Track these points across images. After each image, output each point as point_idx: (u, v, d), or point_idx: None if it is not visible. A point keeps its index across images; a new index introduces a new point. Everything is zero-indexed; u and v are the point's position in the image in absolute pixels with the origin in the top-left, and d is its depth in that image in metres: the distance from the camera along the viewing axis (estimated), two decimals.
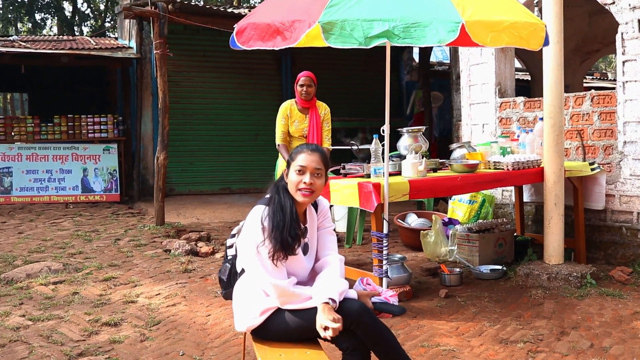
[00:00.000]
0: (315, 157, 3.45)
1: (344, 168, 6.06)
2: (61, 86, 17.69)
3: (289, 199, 3.44)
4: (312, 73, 6.91)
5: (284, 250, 3.35)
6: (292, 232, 3.38)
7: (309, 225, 3.60)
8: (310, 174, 3.41)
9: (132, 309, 5.66)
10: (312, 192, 3.41)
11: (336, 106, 13.71)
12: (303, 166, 3.41)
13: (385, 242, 5.37)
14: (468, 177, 5.89)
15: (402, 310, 3.52)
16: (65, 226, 9.72)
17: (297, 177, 3.40)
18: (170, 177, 13.12)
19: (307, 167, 3.41)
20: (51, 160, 12.06)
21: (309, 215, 3.61)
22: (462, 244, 6.93)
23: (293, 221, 3.40)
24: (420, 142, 6.08)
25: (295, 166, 3.42)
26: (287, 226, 3.36)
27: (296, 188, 3.40)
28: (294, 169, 3.43)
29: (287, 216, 3.39)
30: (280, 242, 3.33)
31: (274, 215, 3.38)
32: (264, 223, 3.36)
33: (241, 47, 5.10)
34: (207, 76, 13.52)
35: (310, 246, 3.60)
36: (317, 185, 3.44)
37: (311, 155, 3.45)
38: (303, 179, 3.40)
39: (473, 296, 5.89)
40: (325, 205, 3.74)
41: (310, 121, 6.93)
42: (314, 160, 3.44)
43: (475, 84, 8.19)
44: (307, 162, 3.41)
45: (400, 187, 5.41)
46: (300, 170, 3.41)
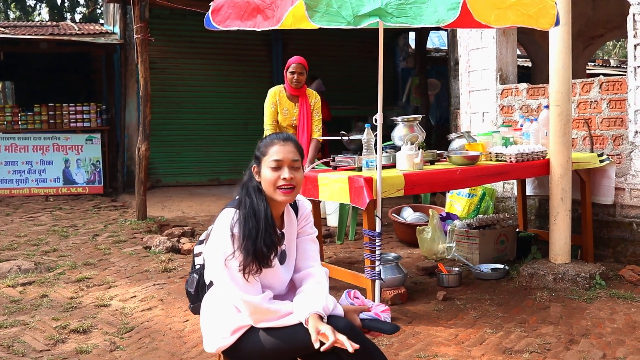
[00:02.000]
0: (289, 147, 3.00)
1: (333, 160, 5.59)
2: (47, 74, 17.21)
3: (263, 201, 2.97)
4: (303, 59, 6.43)
5: (258, 262, 2.90)
6: (268, 241, 2.91)
7: (287, 230, 3.14)
8: (288, 167, 2.95)
9: (104, 314, 5.23)
10: (293, 187, 2.96)
11: (330, 94, 13.44)
12: (278, 160, 2.95)
13: (378, 242, 4.91)
14: (468, 169, 5.42)
15: (395, 328, 3.05)
16: (42, 221, 9.27)
17: (273, 174, 2.94)
18: (157, 168, 12.70)
19: (284, 160, 2.95)
20: (31, 151, 11.59)
21: (287, 218, 3.15)
22: (461, 240, 6.48)
23: (268, 227, 2.94)
24: (417, 132, 5.61)
25: (269, 161, 2.96)
26: (261, 234, 2.90)
27: (274, 186, 2.94)
28: (268, 165, 2.96)
29: (261, 222, 2.92)
30: (253, 254, 2.87)
31: (246, 221, 2.91)
32: (233, 230, 2.90)
33: (217, 27, 4.61)
34: (194, 63, 13.07)
35: (288, 254, 3.14)
36: (297, 180, 2.99)
37: (285, 145, 2.99)
38: (281, 175, 2.94)
39: (473, 298, 5.44)
40: (306, 209, 3.27)
41: (300, 110, 6.46)
42: (289, 151, 2.99)
43: (475, 69, 7.71)
44: (283, 155, 2.96)
45: (395, 182, 4.95)
46: (276, 166, 2.94)
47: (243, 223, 2.90)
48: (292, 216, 3.18)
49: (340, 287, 5.73)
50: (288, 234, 3.14)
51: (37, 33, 12.11)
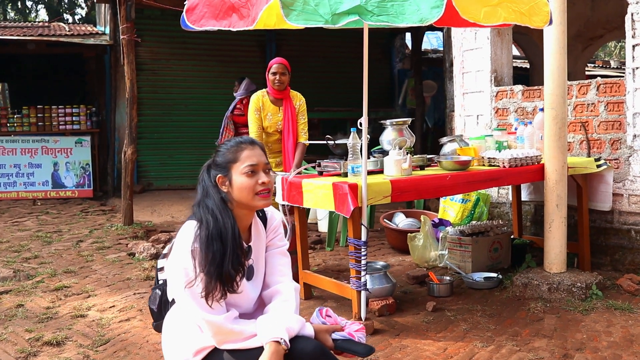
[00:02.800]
0: (259, 151, 2.86)
1: (319, 165, 5.36)
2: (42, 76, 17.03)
3: (230, 218, 2.74)
4: (285, 60, 6.21)
5: (223, 286, 2.68)
6: (235, 263, 2.70)
7: (255, 244, 2.92)
8: (262, 171, 2.80)
9: (80, 325, 5.02)
10: (270, 191, 2.80)
11: (323, 95, 13.25)
12: (254, 165, 2.78)
13: (363, 251, 4.69)
14: (459, 175, 5.20)
15: (369, 350, 2.83)
16: (27, 226, 9.06)
17: (249, 180, 2.75)
18: (148, 172, 12.50)
19: (259, 165, 2.79)
20: (19, 154, 11.37)
21: (255, 231, 2.94)
22: (454, 248, 6.26)
23: (236, 247, 2.71)
24: (406, 135, 5.39)
25: (243, 168, 2.76)
26: (228, 257, 2.68)
27: (253, 192, 2.75)
28: (242, 172, 2.76)
29: (228, 243, 2.69)
30: (218, 278, 2.65)
31: (209, 243, 2.67)
32: (195, 247, 2.67)
33: (192, 27, 4.39)
34: (186, 64, 12.86)
35: (256, 269, 2.93)
36: (271, 183, 2.84)
37: (254, 149, 2.84)
38: (259, 179, 2.76)
39: (464, 309, 5.22)
40: (276, 219, 3.06)
41: (284, 114, 6.21)
42: (260, 154, 2.84)
43: (469, 71, 7.50)
44: (257, 159, 2.80)
45: (381, 188, 4.73)
46: (251, 171, 2.76)
47: (206, 245, 2.67)
48: (260, 228, 2.97)
49: (327, 297, 5.53)
50: (256, 247, 2.93)
51: (27, 34, 11.91)
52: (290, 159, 6.20)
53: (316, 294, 5.66)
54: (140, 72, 12.24)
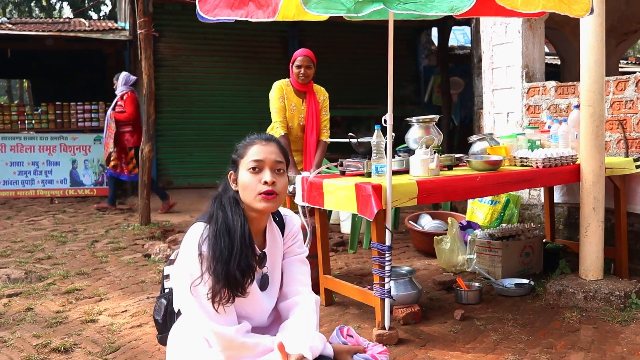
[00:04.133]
0: (272, 148, 2.56)
1: (341, 165, 5.08)
2: (62, 73, 16.96)
3: (240, 216, 2.50)
4: (310, 51, 5.92)
5: (230, 289, 2.42)
6: (243, 264, 2.44)
7: (270, 250, 2.66)
8: (270, 170, 2.51)
9: (90, 330, 4.79)
10: (275, 194, 2.50)
11: (346, 92, 12.97)
12: (259, 160, 2.50)
13: (387, 256, 4.41)
14: (489, 176, 4.89)
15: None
16: (43, 225, 8.87)
17: (252, 177, 2.50)
18: (168, 170, 12.31)
19: (265, 161, 2.51)
20: (37, 151, 11.21)
21: (270, 236, 2.67)
22: (483, 252, 5.95)
23: (244, 247, 2.46)
24: (433, 134, 5.09)
25: (248, 163, 2.51)
26: (235, 255, 2.43)
27: (255, 192, 2.48)
28: (246, 168, 2.51)
29: (236, 240, 2.44)
30: (224, 279, 2.39)
31: (217, 239, 2.43)
32: (202, 249, 2.43)
33: (206, 17, 4.12)
34: (208, 60, 12.65)
35: (271, 279, 2.66)
36: (281, 186, 2.54)
37: (267, 145, 2.56)
38: (262, 178, 2.49)
39: (494, 318, 4.91)
40: (294, 225, 2.79)
41: (308, 108, 5.93)
42: (272, 152, 2.54)
43: (499, 66, 7.17)
44: (264, 155, 2.52)
45: (407, 189, 4.43)
46: (255, 168, 2.50)
47: (213, 241, 2.44)
48: (277, 234, 2.71)
49: (349, 304, 5.25)
50: (271, 254, 2.66)
51: (46, 30, 11.74)
52: (312, 157, 5.93)
53: (338, 300, 5.39)
54: (161, 69, 12.08)
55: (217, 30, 12.17)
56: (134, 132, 9.73)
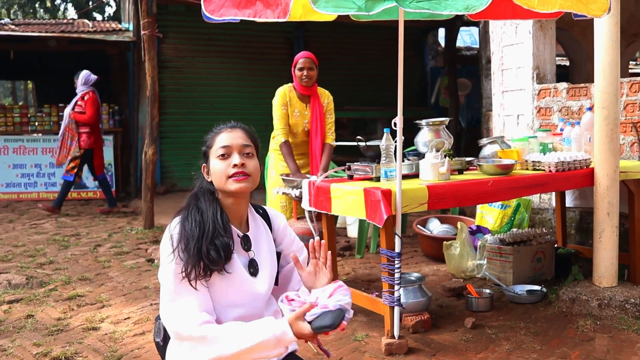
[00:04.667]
0: (238, 133, 2.60)
1: (349, 168, 4.95)
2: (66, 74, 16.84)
3: (212, 201, 2.54)
4: (311, 53, 5.81)
5: (205, 264, 2.39)
6: (218, 242, 2.43)
7: (254, 234, 2.65)
8: (238, 153, 2.52)
9: (92, 339, 4.68)
10: (246, 175, 2.50)
11: (353, 94, 12.84)
12: (226, 146, 2.55)
13: (397, 263, 4.28)
14: (502, 180, 4.76)
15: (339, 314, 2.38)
16: (45, 228, 8.75)
17: (222, 163, 2.54)
18: (172, 172, 12.18)
19: (232, 146, 2.56)
20: (40, 154, 11.09)
21: (253, 222, 2.68)
22: (493, 257, 5.82)
23: (218, 226, 2.46)
24: (443, 137, 4.95)
25: (216, 150, 2.56)
26: (207, 233, 2.43)
27: (226, 176, 2.50)
28: (215, 155, 2.57)
29: (207, 219, 2.47)
30: (197, 255, 2.38)
31: (188, 219, 2.47)
32: (172, 233, 2.45)
33: (212, 17, 3.99)
34: (213, 62, 12.50)
35: (260, 263, 2.62)
36: (251, 167, 2.54)
37: (232, 131, 2.61)
38: (231, 162, 2.50)
39: (506, 326, 4.78)
40: (281, 222, 2.82)
41: (312, 112, 5.82)
42: (238, 137, 2.57)
43: (508, 68, 7.04)
44: (231, 140, 2.57)
45: (417, 195, 4.31)
46: (224, 154, 2.54)
47: (184, 222, 2.47)
48: (261, 222, 2.73)
49: (356, 310, 5.11)
50: (256, 238, 2.65)
51: (49, 30, 11.63)
52: (318, 161, 5.81)
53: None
54: (165, 70, 11.96)
55: (221, 31, 12.06)
56: (91, 134, 9.59)
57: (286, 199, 5.72)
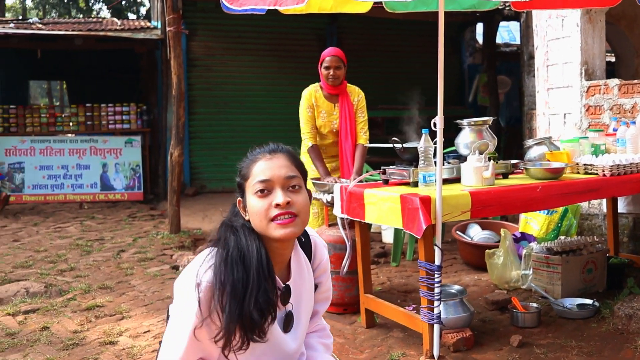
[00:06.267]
0: (280, 161, 2.08)
1: (384, 173, 4.56)
2: (98, 74, 16.74)
3: (255, 240, 2.03)
4: (340, 50, 5.44)
5: (245, 332, 1.94)
6: (262, 300, 1.96)
7: (295, 283, 2.17)
8: (281, 189, 2.02)
9: (109, 354, 4.37)
10: (294, 216, 2.01)
11: (387, 92, 12.43)
12: (265, 180, 2.04)
13: (437, 277, 3.90)
14: (551, 186, 4.34)
15: None
16: (69, 232, 8.50)
17: (261, 202, 2.03)
18: (202, 173, 11.91)
19: (273, 180, 2.05)
20: (67, 155, 10.87)
21: (296, 266, 2.19)
22: (540, 268, 5.39)
23: (263, 278, 1.98)
24: (486, 138, 4.54)
25: (254, 185, 2.05)
26: (252, 290, 1.95)
27: (267, 219, 2.01)
28: (253, 191, 2.05)
29: (252, 270, 1.97)
30: (238, 319, 1.91)
31: (228, 267, 1.96)
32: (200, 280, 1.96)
33: (232, 8, 3.66)
34: (242, 60, 12.22)
35: (296, 317, 2.17)
36: (300, 204, 2.05)
37: (272, 159, 2.10)
38: (273, 201, 2.00)
39: (556, 345, 4.35)
40: (324, 255, 2.33)
41: (341, 112, 5.46)
42: (280, 166, 2.07)
43: (554, 63, 6.59)
44: (271, 172, 2.05)
45: (459, 202, 3.93)
46: (263, 190, 2.03)
47: (223, 270, 1.95)
48: (304, 262, 2.22)
49: (392, 326, 4.75)
50: (297, 288, 2.18)
51: (76, 29, 11.41)
52: (350, 163, 5.44)
53: (380, 322, 4.88)
54: (193, 68, 11.73)
55: (251, 28, 11.78)
56: None
57: (318, 204, 5.36)
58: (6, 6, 24.46)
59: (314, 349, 2.31)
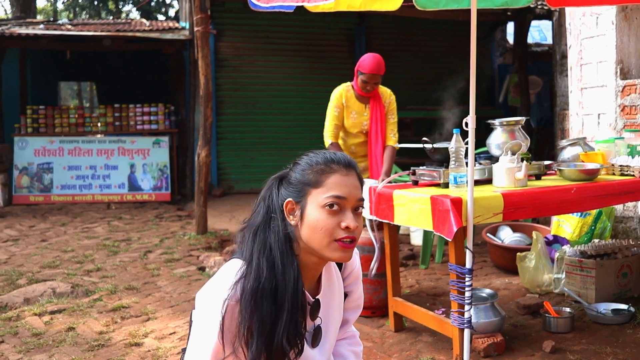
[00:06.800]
0: (354, 180, 1.95)
1: (414, 173, 4.46)
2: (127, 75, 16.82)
3: (293, 268, 1.87)
4: (382, 63, 5.32)
5: (272, 356, 1.82)
6: (292, 332, 1.84)
7: (325, 297, 2.04)
8: (352, 211, 1.89)
9: (134, 356, 4.35)
10: (354, 240, 1.89)
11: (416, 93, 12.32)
12: (341, 198, 1.89)
13: (468, 281, 3.80)
14: (586, 187, 4.21)
15: None
16: (96, 232, 8.49)
17: (329, 219, 1.88)
18: (229, 174, 11.87)
19: (348, 199, 1.90)
20: (95, 155, 10.90)
21: (326, 280, 2.06)
22: (573, 272, 5.26)
23: (295, 310, 1.85)
24: (519, 138, 4.42)
25: (325, 198, 1.89)
26: (283, 323, 1.82)
27: (331, 238, 1.86)
28: (322, 204, 1.89)
29: (285, 304, 1.84)
30: (266, 350, 1.81)
31: (258, 302, 1.81)
32: (226, 302, 1.82)
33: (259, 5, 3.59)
34: (271, 60, 12.14)
35: (324, 331, 2.05)
36: (359, 229, 1.91)
37: (348, 175, 1.94)
38: (342, 221, 1.86)
39: (590, 351, 4.23)
40: (356, 263, 2.18)
41: (372, 113, 5.39)
42: (355, 186, 1.93)
43: (588, 62, 6.44)
44: (348, 190, 1.90)
45: (491, 204, 3.82)
46: (335, 205, 1.88)
47: (253, 305, 1.81)
48: (334, 274, 2.10)
49: (421, 330, 4.65)
50: (326, 302, 2.05)
51: (105, 30, 11.44)
52: (379, 164, 5.37)
53: (408, 325, 4.78)
54: (222, 69, 11.69)
55: (280, 28, 11.72)
56: None
57: None
58: (37, 8, 24.66)
59: (344, 357, 2.22)
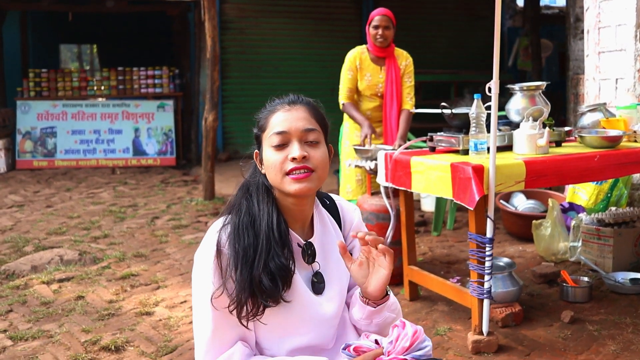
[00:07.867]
0: (299, 113, 1.97)
1: (431, 139, 4.34)
2: (130, 38, 16.61)
3: (268, 204, 1.93)
4: (389, 11, 5.21)
5: (257, 298, 1.84)
6: (273, 265, 1.85)
7: (319, 240, 2.04)
8: (298, 141, 1.93)
9: (145, 325, 4.26)
10: (310, 171, 1.89)
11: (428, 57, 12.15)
12: (282, 132, 1.93)
13: (488, 250, 3.71)
14: (609, 155, 4.08)
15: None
16: (102, 198, 8.40)
17: (277, 155, 1.92)
18: (234, 138, 11.77)
19: (290, 132, 1.93)
20: (99, 119, 10.76)
21: (320, 224, 2.07)
22: (590, 240, 5.17)
23: (272, 242, 1.87)
24: (540, 104, 4.29)
25: (270, 137, 1.94)
26: (260, 254, 1.84)
27: (282, 172, 1.92)
28: (269, 144, 1.94)
29: (261, 234, 1.87)
30: (249, 286, 1.82)
31: (238, 234, 1.87)
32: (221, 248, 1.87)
33: None
34: (276, 22, 11.99)
35: (327, 277, 2.04)
36: (317, 160, 1.94)
37: (291, 110, 1.97)
38: (289, 154, 1.91)
39: (609, 322, 4.15)
40: (355, 217, 2.20)
41: (387, 75, 5.26)
42: (299, 118, 1.96)
43: (606, 25, 6.27)
44: (289, 124, 1.94)
45: (512, 171, 3.70)
46: (279, 143, 1.93)
47: (234, 238, 1.86)
48: (328, 220, 2.10)
49: (436, 299, 4.57)
50: (322, 245, 2.05)
51: None
52: (394, 129, 5.24)
53: (423, 294, 4.70)
54: (227, 31, 11.51)
55: None
56: None
57: (362, 172, 5.19)
58: None
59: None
